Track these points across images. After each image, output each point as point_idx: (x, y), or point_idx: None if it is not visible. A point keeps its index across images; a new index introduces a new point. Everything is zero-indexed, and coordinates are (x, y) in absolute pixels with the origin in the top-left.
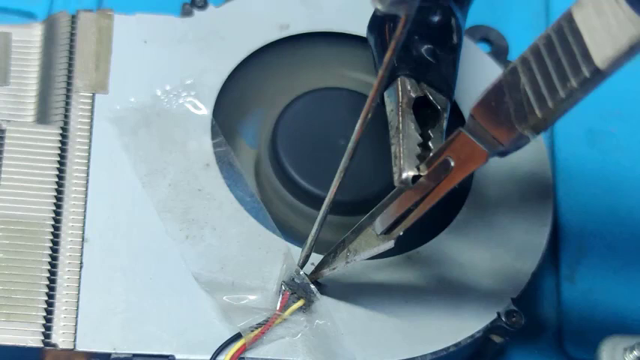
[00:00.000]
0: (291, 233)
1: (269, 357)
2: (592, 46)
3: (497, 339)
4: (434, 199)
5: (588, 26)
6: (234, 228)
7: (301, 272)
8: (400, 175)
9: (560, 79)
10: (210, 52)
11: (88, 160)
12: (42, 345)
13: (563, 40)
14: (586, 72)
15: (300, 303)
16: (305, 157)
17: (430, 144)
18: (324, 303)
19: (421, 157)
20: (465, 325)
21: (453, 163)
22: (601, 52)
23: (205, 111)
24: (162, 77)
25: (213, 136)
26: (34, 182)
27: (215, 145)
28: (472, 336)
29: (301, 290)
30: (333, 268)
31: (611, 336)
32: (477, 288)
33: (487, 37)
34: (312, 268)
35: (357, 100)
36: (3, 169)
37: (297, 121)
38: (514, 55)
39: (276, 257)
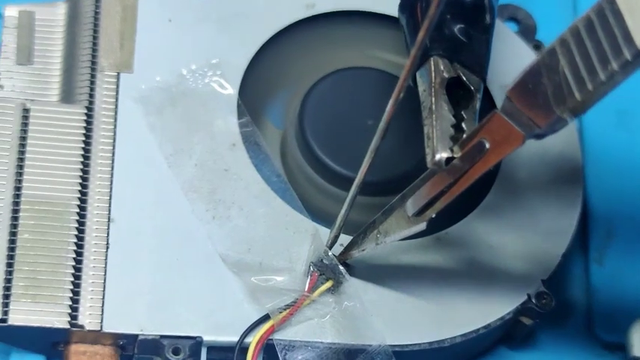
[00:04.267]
0: (318, 214)
1: (297, 338)
2: (634, 28)
3: (527, 321)
4: (467, 182)
5: (630, 7)
6: (261, 208)
7: (330, 253)
8: (433, 156)
9: (600, 62)
10: (235, 31)
11: (114, 139)
12: (69, 326)
13: (604, 21)
14: (627, 54)
15: (328, 284)
16: (332, 138)
17: (463, 125)
18: (353, 284)
19: (454, 139)
20: (494, 307)
21: (487, 145)
22: None
23: (231, 90)
24: (187, 56)
25: (239, 115)
26: (60, 162)
27: (241, 125)
28: (502, 318)
29: (330, 271)
30: (363, 250)
31: None
32: (507, 270)
33: (515, 16)
34: (341, 249)
35: (385, 80)
36: (28, 149)
37: (324, 101)
38: (541, 34)
39: (303, 238)
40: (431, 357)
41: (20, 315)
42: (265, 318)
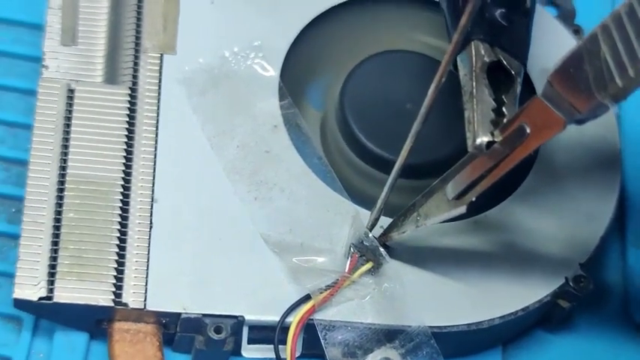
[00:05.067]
0: (358, 196)
1: (338, 319)
2: None
3: (564, 304)
4: (508, 166)
5: None
6: (302, 190)
7: (370, 235)
8: (474, 140)
9: None
10: (277, 14)
11: (157, 120)
12: (113, 304)
13: None
14: None
15: (368, 265)
16: (373, 120)
17: (504, 109)
18: (393, 266)
19: (495, 123)
20: (533, 289)
21: (528, 130)
22: None
23: (273, 72)
24: (229, 38)
25: (281, 97)
26: (104, 142)
27: (282, 107)
28: (540, 301)
29: (370, 253)
30: (403, 232)
31: None
32: (545, 253)
33: (554, 0)
34: (381, 231)
35: (426, 64)
36: (73, 129)
37: (365, 84)
38: (580, 19)
39: (344, 220)
40: (469, 339)
41: (65, 293)
42: (306, 298)
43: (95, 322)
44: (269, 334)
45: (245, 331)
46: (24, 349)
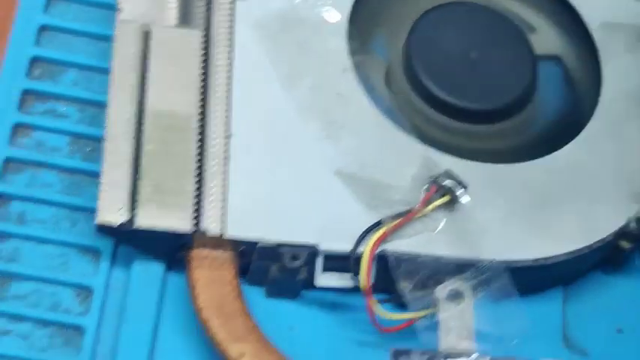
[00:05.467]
0: (426, 139)
1: (410, 250)
2: None
3: (625, 245)
4: None
5: None
6: (372, 130)
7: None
8: None
9: None
10: None
11: (231, 61)
12: (192, 231)
13: None
14: None
15: (444, 199)
16: (438, 67)
17: None
18: (466, 201)
19: None
20: (596, 229)
21: None
22: None
23: (341, 18)
24: None
25: (349, 43)
26: (180, 80)
27: (351, 52)
28: (603, 240)
29: (445, 188)
30: None
31: None
32: (608, 194)
33: None
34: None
35: (488, 16)
36: (150, 68)
37: (431, 33)
38: None
39: (414, 159)
40: (534, 275)
41: (146, 219)
42: (377, 224)
43: (174, 249)
44: (342, 263)
45: (320, 260)
46: (102, 278)
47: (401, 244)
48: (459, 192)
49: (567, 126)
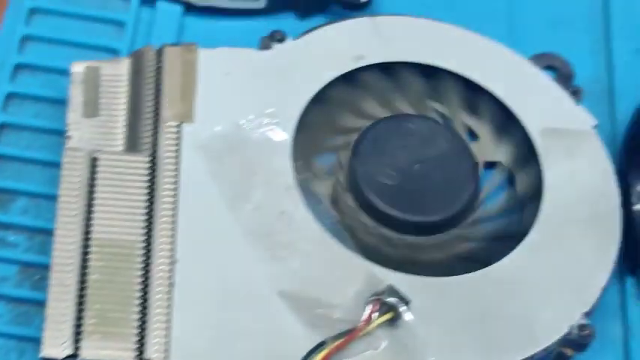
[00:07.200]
0: (371, 254)
1: None
2: None
3: (569, 352)
4: None
5: None
6: (316, 249)
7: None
8: None
9: None
10: (289, 83)
11: (177, 185)
12: None
13: None
14: None
15: (387, 316)
16: (382, 183)
17: None
18: (409, 318)
19: None
20: (539, 338)
21: None
22: None
23: (286, 137)
24: (244, 107)
25: (294, 161)
26: (126, 207)
27: (296, 170)
28: (546, 349)
29: (387, 305)
30: None
31: None
32: (549, 303)
33: (552, 64)
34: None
35: (431, 127)
36: (96, 195)
37: (374, 147)
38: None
39: (358, 277)
40: None
41: (90, 351)
42: (320, 345)
43: None
44: None
45: None
46: None
47: None
48: (401, 308)
49: (509, 235)
